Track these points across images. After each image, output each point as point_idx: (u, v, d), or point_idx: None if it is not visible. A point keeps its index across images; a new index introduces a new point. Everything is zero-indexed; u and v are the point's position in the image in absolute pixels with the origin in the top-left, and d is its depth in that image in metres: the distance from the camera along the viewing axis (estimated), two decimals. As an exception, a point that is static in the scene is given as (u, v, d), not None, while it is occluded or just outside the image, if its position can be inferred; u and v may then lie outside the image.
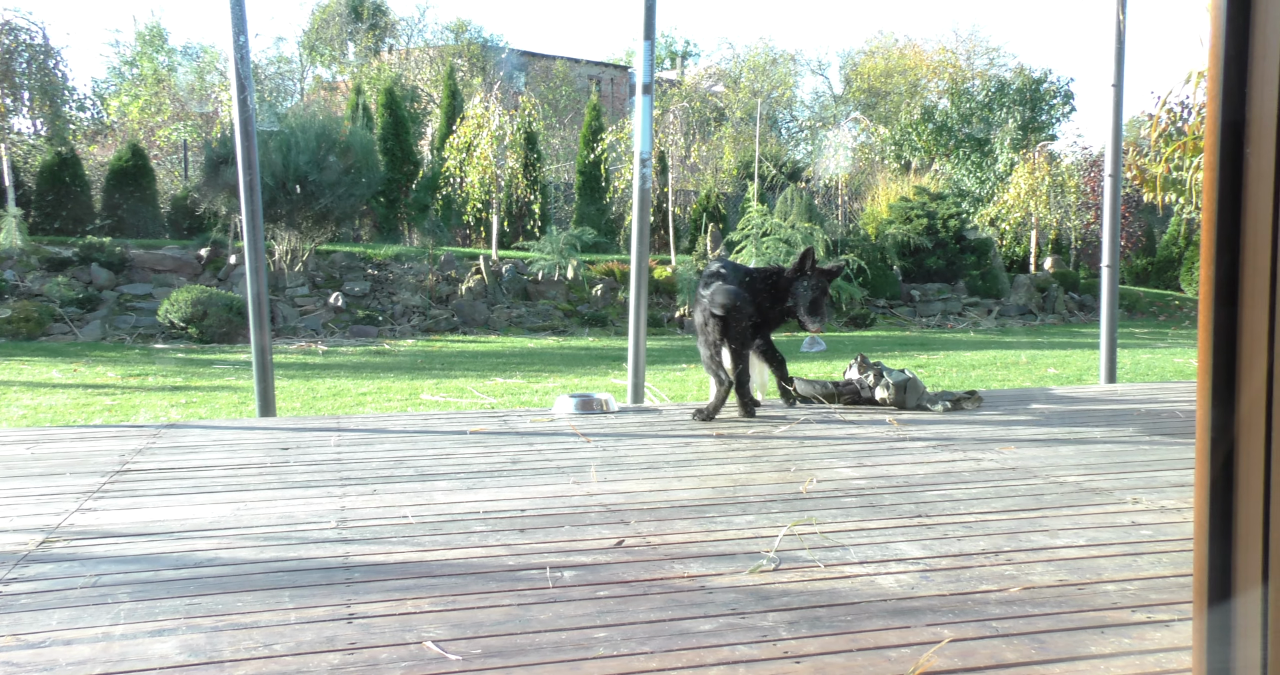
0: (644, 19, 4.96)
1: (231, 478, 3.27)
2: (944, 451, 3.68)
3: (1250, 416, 1.03)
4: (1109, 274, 5.98)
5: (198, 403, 7.57)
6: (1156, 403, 4.88)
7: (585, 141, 20.39)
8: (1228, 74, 0.99)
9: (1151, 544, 2.46)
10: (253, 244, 4.77)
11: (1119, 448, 3.74)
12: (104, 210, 17.59)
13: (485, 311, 15.31)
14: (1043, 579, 2.19)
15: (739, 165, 22.83)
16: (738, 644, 1.82)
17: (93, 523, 2.70)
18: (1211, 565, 1.08)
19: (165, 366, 10.20)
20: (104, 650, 1.80)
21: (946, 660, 1.74)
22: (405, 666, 1.73)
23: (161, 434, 4.12)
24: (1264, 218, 0.98)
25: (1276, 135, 0.96)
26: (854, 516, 2.73)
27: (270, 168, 14.78)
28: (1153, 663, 1.75)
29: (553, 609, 2.00)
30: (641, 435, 4.07)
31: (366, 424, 4.40)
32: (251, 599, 2.07)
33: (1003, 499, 2.93)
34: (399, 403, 7.67)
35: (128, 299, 14.17)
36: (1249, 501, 1.04)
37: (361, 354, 11.89)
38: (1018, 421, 4.32)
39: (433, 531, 2.59)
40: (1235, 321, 1.02)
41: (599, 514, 2.76)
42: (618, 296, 16.18)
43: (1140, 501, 2.89)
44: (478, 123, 17.15)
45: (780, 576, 2.21)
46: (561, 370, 10.19)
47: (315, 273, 15.53)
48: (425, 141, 21.17)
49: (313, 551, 2.42)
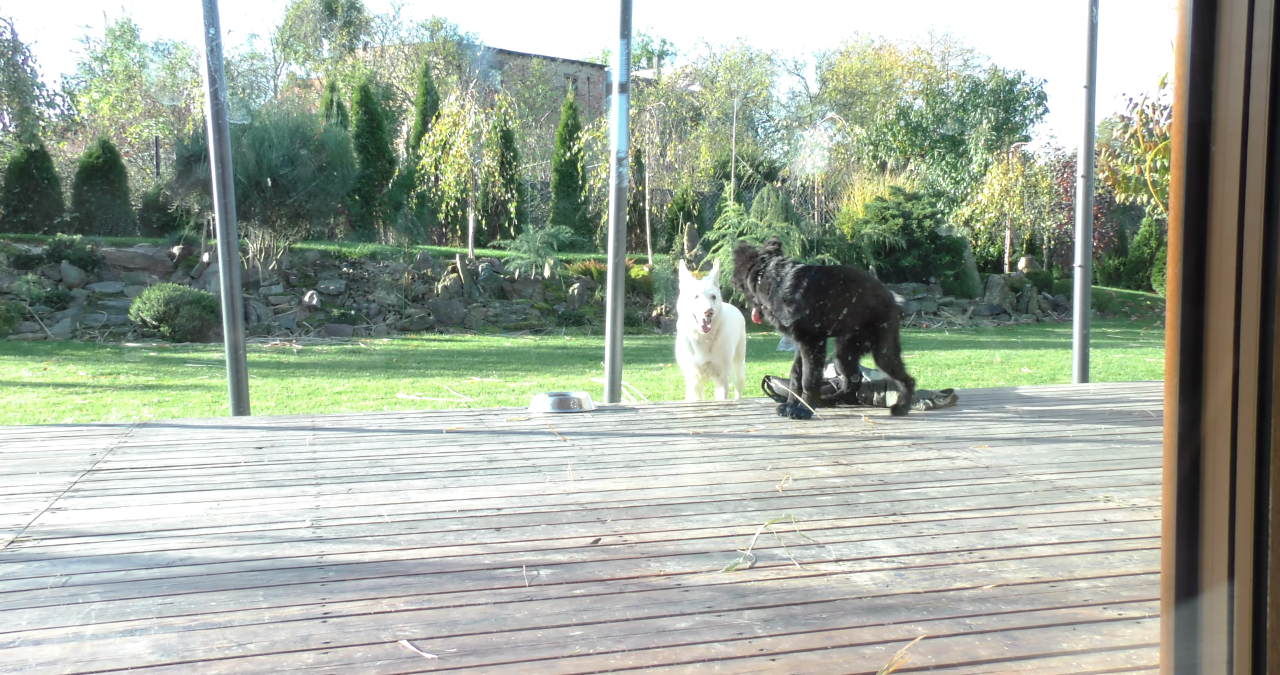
0: (620, 18, 4.96)
1: (205, 477, 3.24)
2: (919, 450, 3.70)
3: (1217, 415, 1.05)
4: (1081, 274, 6.04)
5: (170, 402, 7.50)
6: (1128, 402, 4.93)
7: (562, 140, 20.36)
8: (1194, 75, 1.00)
9: (1123, 542, 2.49)
10: (225, 241, 4.73)
11: (1091, 446, 3.78)
12: (74, 207, 17.40)
13: (461, 310, 15.26)
14: (1016, 576, 2.21)
15: (715, 165, 22.87)
16: (713, 642, 1.83)
17: (63, 522, 2.67)
18: (1179, 563, 1.10)
19: (137, 365, 10.10)
20: (74, 650, 1.78)
21: (920, 657, 1.76)
22: (380, 665, 1.72)
23: (133, 433, 4.08)
24: (1229, 216, 0.99)
25: (1241, 135, 0.98)
26: (830, 514, 2.74)
27: (244, 165, 14.66)
28: (1123, 659, 1.77)
29: (529, 607, 2.00)
30: (618, 434, 4.07)
31: (342, 423, 4.38)
32: (225, 598, 2.05)
33: (977, 497, 2.95)
34: (375, 402, 7.63)
35: (99, 297, 14.01)
36: (1215, 500, 1.06)
37: (337, 353, 11.82)
38: (992, 420, 4.36)
39: (408, 530, 2.58)
40: (1202, 319, 1.03)
41: (575, 513, 2.76)
42: (594, 295, 16.18)
43: (1112, 499, 2.92)
44: (453, 121, 17.09)
45: (756, 574, 2.22)
46: (538, 369, 10.17)
47: (290, 271, 15.43)
48: (401, 139, 21.08)
49: (287, 551, 2.41)
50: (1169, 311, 1.08)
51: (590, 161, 19.45)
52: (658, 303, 16.09)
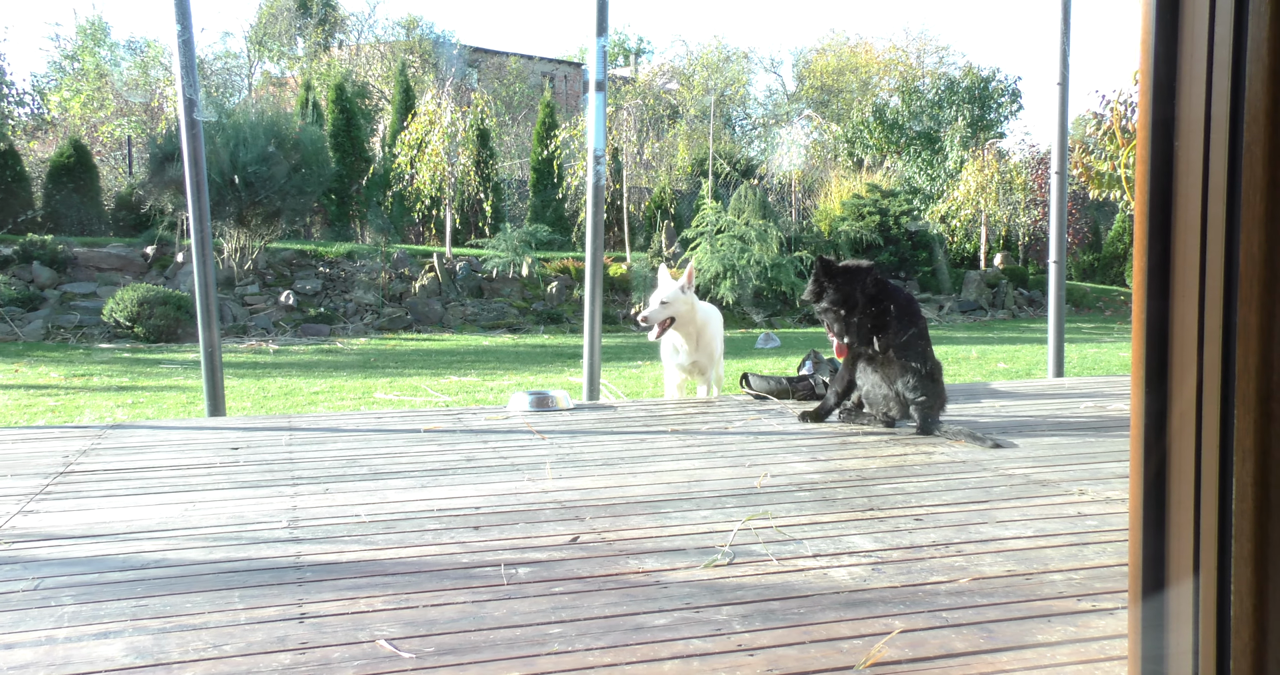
0: (597, 16, 4.95)
1: (180, 478, 3.21)
2: (896, 445, 3.72)
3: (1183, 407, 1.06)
4: (1056, 270, 6.09)
5: (145, 403, 7.43)
6: (1103, 396, 4.98)
7: (539, 138, 20.32)
8: (1157, 73, 1.02)
9: (1097, 534, 2.52)
10: (200, 241, 4.69)
11: (1066, 440, 3.81)
12: (45, 207, 17.20)
13: (439, 309, 15.21)
14: (992, 570, 2.23)
15: (693, 162, 22.90)
16: (692, 638, 1.83)
17: (35, 525, 2.65)
18: (1145, 556, 1.11)
19: (110, 366, 10.00)
20: (47, 654, 1.77)
21: (897, 650, 1.77)
22: (358, 665, 1.72)
23: (107, 434, 4.04)
24: (1193, 212, 1.01)
25: (1204, 132, 0.99)
26: (807, 510, 2.75)
27: (218, 164, 14.54)
28: (1096, 650, 1.79)
29: (507, 606, 2.00)
30: (597, 432, 4.07)
31: (319, 423, 4.36)
32: (200, 600, 2.04)
33: (953, 491, 2.97)
34: (352, 402, 7.59)
35: (71, 298, 13.87)
36: (1181, 493, 1.07)
37: (313, 353, 11.75)
38: (968, 415, 4.39)
39: (386, 530, 2.57)
40: (1167, 313, 1.05)
41: (554, 511, 2.76)
42: (573, 294, 16.16)
43: (1086, 493, 2.95)
44: (430, 119, 17.02)
45: (734, 570, 2.23)
46: (517, 368, 10.15)
47: (265, 271, 15.32)
48: (377, 138, 20.95)
49: (263, 551, 2.39)
50: (1135, 306, 1.10)
51: (568, 160, 19.44)
52: (636, 301, 16.09)
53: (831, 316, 4.04)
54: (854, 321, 4.02)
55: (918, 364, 3.94)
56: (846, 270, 4.02)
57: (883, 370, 4.03)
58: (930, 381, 3.96)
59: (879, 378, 4.04)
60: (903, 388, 3.96)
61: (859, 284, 3.99)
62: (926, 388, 3.94)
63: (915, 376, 3.94)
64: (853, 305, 3.99)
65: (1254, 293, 0.95)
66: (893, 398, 4.03)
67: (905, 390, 3.96)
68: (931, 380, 3.97)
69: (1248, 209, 0.95)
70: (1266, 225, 0.92)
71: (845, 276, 4.01)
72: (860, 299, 3.98)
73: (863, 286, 3.99)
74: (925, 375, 3.95)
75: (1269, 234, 0.92)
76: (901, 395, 3.98)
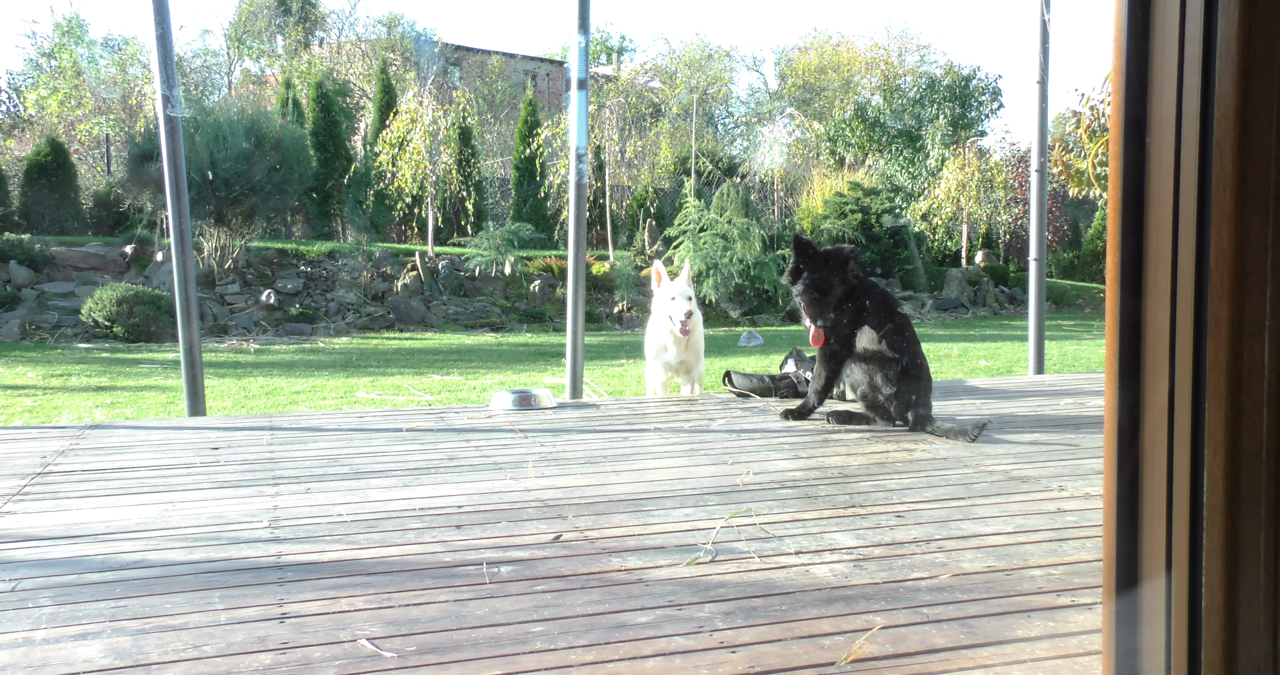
0: (578, 13, 4.95)
1: (159, 478, 3.19)
2: (878, 443, 3.74)
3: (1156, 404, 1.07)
4: (1036, 267, 6.12)
5: (124, 403, 7.38)
6: (1083, 392, 5.02)
7: (521, 137, 20.28)
8: (1129, 72, 1.03)
9: (1076, 530, 2.54)
10: (179, 240, 4.66)
11: (1046, 436, 3.84)
12: (22, 206, 17.04)
13: (422, 308, 15.16)
14: (972, 566, 2.24)
15: (676, 161, 22.90)
16: (674, 635, 1.84)
17: (12, 526, 2.62)
18: (1119, 551, 1.12)
19: (89, 366, 9.92)
20: (24, 655, 1.76)
21: (878, 646, 1.78)
22: (339, 665, 1.71)
23: (85, 435, 4.01)
24: (1165, 210, 1.02)
25: (1175, 130, 1.01)
26: (790, 508, 2.76)
27: (197, 163, 14.44)
28: (1075, 644, 1.80)
29: (489, 604, 2.00)
30: (579, 430, 4.07)
31: (300, 422, 4.34)
32: (180, 600, 2.03)
33: (934, 488, 2.99)
34: (334, 401, 7.56)
35: (49, 297, 13.75)
36: (1154, 491, 1.08)
37: (295, 352, 11.69)
38: (950, 412, 4.41)
39: (368, 529, 2.57)
40: (1140, 310, 1.06)
41: (536, 509, 2.76)
42: (555, 292, 16.14)
43: (1066, 489, 2.97)
44: (411, 117, 16.97)
45: (717, 568, 2.23)
46: (499, 367, 10.13)
47: (246, 270, 15.23)
48: (358, 136, 20.87)
49: (244, 551, 2.38)
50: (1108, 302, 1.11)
51: (550, 158, 19.40)
52: (619, 299, 16.09)
53: (808, 299, 4.07)
54: (831, 315, 4.05)
55: (896, 356, 3.96)
56: (827, 255, 4.07)
57: (864, 366, 4.05)
58: (913, 377, 3.98)
59: (861, 374, 4.06)
60: (883, 383, 3.98)
61: (838, 272, 4.05)
62: (909, 383, 3.96)
63: (896, 371, 3.96)
64: (829, 290, 4.04)
65: (1224, 287, 0.96)
66: (878, 393, 4.05)
67: (885, 385, 3.98)
68: (915, 375, 3.99)
69: (1218, 204, 0.96)
70: (1236, 220, 0.94)
71: (824, 261, 4.06)
72: (838, 286, 4.03)
73: (842, 275, 4.05)
74: (906, 370, 3.97)
75: (1238, 229, 0.94)
76: (882, 389, 4.00)
